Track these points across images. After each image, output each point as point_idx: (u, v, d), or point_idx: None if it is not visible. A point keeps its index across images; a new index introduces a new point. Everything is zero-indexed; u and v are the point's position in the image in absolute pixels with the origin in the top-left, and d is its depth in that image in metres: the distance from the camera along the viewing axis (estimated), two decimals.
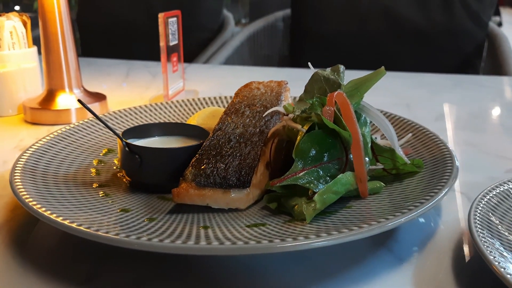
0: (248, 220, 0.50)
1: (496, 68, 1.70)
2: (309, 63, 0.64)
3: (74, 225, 0.44)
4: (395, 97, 1.11)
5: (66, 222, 0.45)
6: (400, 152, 0.58)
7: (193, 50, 2.00)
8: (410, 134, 0.68)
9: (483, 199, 0.50)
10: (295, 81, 1.29)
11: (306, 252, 0.49)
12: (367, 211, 0.51)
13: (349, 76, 1.25)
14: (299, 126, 0.53)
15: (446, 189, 0.51)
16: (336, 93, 0.55)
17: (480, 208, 0.49)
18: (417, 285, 0.44)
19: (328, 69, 0.61)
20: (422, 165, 0.59)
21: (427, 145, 0.65)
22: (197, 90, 1.13)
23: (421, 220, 0.56)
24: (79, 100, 0.55)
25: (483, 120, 0.97)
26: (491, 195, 0.51)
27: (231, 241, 0.42)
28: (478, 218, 0.47)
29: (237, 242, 0.42)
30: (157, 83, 1.25)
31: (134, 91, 1.18)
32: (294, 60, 1.98)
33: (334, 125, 0.53)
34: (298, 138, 0.53)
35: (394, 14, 1.80)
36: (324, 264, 0.47)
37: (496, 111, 1.05)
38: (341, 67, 0.60)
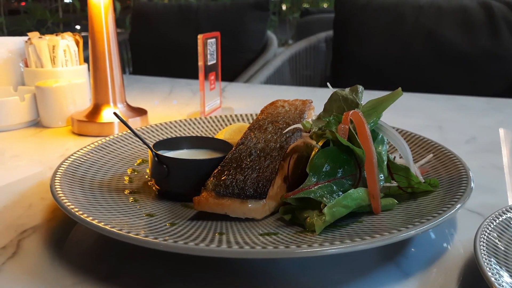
0: (262, 229, 0.53)
1: None
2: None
3: (101, 224, 0.49)
4: (429, 118, 1.11)
5: (94, 222, 0.49)
6: (415, 170, 0.59)
7: (236, 69, 2.07)
8: (431, 155, 0.69)
9: (493, 222, 0.51)
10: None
11: (313, 262, 0.51)
12: (377, 226, 0.52)
13: None
14: (313, 142, 0.56)
15: (456, 207, 0.52)
16: (351, 111, 0.57)
17: (488, 231, 0.49)
18: None
19: (347, 89, 0.63)
20: (438, 184, 0.60)
21: (446, 165, 0.66)
22: (233, 107, 1.18)
23: (434, 238, 0.57)
24: (114, 113, 0.61)
25: None
26: (501, 219, 0.52)
27: (239, 245, 0.45)
28: (484, 241, 0.48)
29: (244, 246, 0.45)
30: (196, 100, 1.31)
31: (175, 107, 1.24)
32: (335, 82, 2.00)
33: (348, 142, 0.55)
34: (313, 153, 0.56)
35: (437, 38, 1.80)
36: (330, 274, 0.49)
37: None
38: (360, 88, 0.63)
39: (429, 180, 0.60)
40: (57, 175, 0.62)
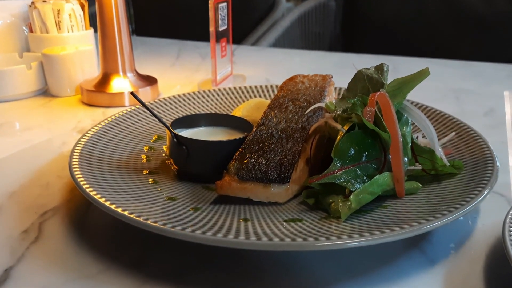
0: (286, 215, 0.53)
1: None
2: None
3: (126, 213, 0.48)
4: (445, 88, 1.09)
5: (119, 210, 0.49)
6: (440, 153, 0.58)
7: (244, 30, 2.02)
8: (454, 133, 0.68)
9: None
10: (345, 68, 1.28)
11: (338, 250, 0.51)
12: (403, 212, 0.52)
13: (402, 62, 1.24)
14: (339, 126, 0.55)
15: (484, 194, 0.51)
16: (378, 93, 0.55)
17: None
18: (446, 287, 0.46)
19: (372, 68, 0.61)
20: (462, 166, 0.59)
21: (469, 145, 0.65)
22: (245, 75, 1.15)
23: (457, 222, 0.57)
24: (131, 93, 0.59)
25: None
26: None
27: (268, 236, 0.45)
28: None
29: (273, 238, 0.44)
30: (206, 66, 1.28)
31: (184, 73, 1.22)
32: (346, 42, 1.95)
33: (374, 126, 0.54)
34: (338, 138, 0.54)
35: (454, 0, 1.73)
36: (355, 261, 0.49)
37: None
38: (385, 66, 0.61)
39: (453, 162, 0.59)
40: (74, 155, 0.61)
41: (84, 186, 0.54)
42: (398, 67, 1.23)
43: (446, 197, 0.53)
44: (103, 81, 0.98)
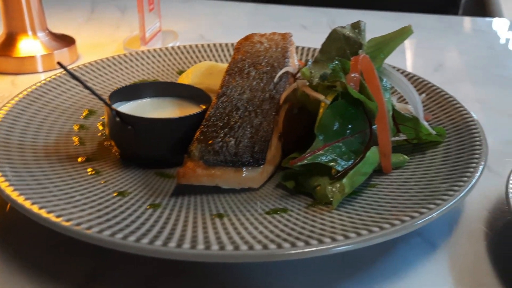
0: (266, 204, 0.45)
1: (479, 7, 1.64)
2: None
3: (69, 224, 0.38)
4: None
5: (59, 221, 0.38)
6: (424, 121, 0.53)
7: None
8: (424, 95, 0.63)
9: None
10: (282, 20, 1.19)
11: None
12: (397, 192, 0.46)
13: (339, 15, 1.15)
14: (321, 97, 0.47)
15: (478, 173, 0.46)
16: (361, 57, 0.48)
17: None
18: (455, 276, 0.41)
19: (348, 26, 0.53)
20: (445, 133, 0.54)
21: (445, 109, 0.60)
22: (175, 31, 1.02)
23: None
24: (58, 63, 0.46)
25: (485, 71, 0.91)
26: None
27: (262, 243, 0.36)
28: None
29: (269, 245, 0.36)
30: (128, 21, 1.12)
31: (104, 31, 1.05)
32: None
33: (361, 95, 0.47)
34: (321, 111, 0.46)
35: None
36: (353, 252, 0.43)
37: (497, 61, 0.98)
38: (362, 24, 0.53)
39: (434, 129, 0.54)
40: None
41: (5, 189, 0.41)
42: (336, 21, 1.17)
43: (437, 175, 0.48)
44: (8, 42, 0.81)
